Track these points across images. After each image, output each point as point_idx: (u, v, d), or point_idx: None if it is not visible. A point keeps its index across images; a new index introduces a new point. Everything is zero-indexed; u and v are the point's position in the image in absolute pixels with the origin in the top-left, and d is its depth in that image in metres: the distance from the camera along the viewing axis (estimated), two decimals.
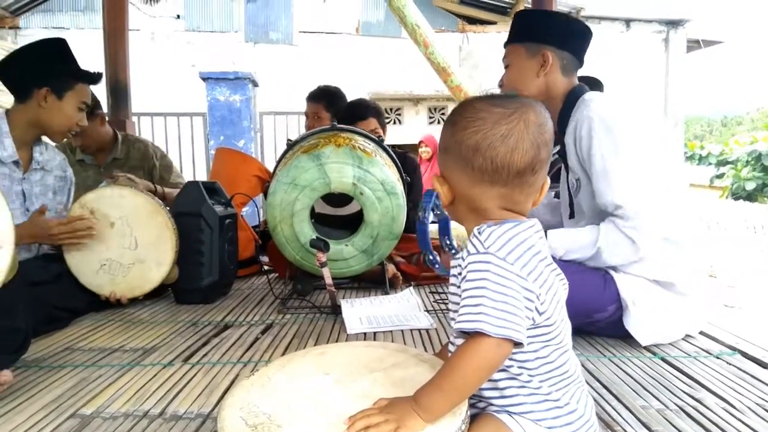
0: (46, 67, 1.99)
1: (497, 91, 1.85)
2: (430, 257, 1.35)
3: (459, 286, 0.86)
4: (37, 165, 2.10)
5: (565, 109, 1.76)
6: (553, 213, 2.04)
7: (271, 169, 3.03)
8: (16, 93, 2.03)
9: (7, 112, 2.03)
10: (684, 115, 10.22)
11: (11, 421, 1.18)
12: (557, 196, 2.05)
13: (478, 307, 0.80)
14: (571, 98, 1.76)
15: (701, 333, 1.77)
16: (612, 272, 1.64)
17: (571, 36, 1.79)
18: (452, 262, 0.91)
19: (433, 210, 1.55)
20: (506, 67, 1.86)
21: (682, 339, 1.70)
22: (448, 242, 1.55)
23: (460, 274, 0.86)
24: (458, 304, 0.85)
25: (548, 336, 0.86)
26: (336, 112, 3.25)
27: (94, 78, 2.13)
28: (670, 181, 1.66)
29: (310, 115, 3.29)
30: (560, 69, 1.77)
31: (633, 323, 1.61)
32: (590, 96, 1.71)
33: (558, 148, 1.86)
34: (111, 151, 2.87)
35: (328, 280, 2.02)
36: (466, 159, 0.87)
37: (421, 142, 6.60)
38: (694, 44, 10.02)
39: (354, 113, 2.88)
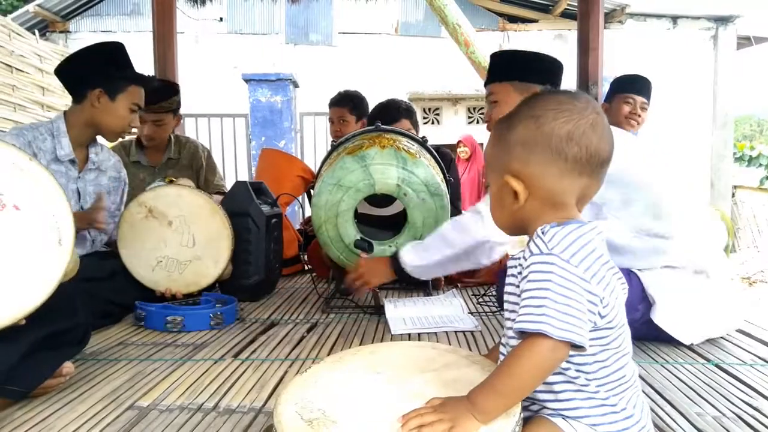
0: (101, 69, 2.06)
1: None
2: None
3: (518, 286, 0.86)
4: (92, 165, 2.17)
5: None
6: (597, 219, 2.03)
7: (313, 169, 3.08)
8: (72, 94, 2.11)
9: (66, 113, 2.11)
10: (733, 115, 9.88)
11: (74, 410, 1.24)
12: None
13: (541, 308, 0.79)
14: None
15: (757, 340, 1.71)
16: (635, 270, 1.65)
17: (550, 73, 1.90)
18: (510, 262, 0.91)
19: None
20: (493, 102, 1.96)
21: (737, 346, 1.66)
22: None
23: (520, 273, 0.86)
24: (516, 304, 0.85)
25: (608, 339, 0.85)
26: (360, 114, 3.30)
27: (148, 81, 2.19)
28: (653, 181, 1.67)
29: (335, 119, 3.35)
30: None
31: (660, 317, 1.62)
32: None
33: None
34: (165, 151, 2.97)
35: None
36: (559, 149, 0.86)
37: (459, 142, 6.58)
38: (744, 41, 9.67)
39: (386, 115, 2.87)
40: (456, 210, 2.97)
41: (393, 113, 2.90)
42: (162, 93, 2.79)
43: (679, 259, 1.66)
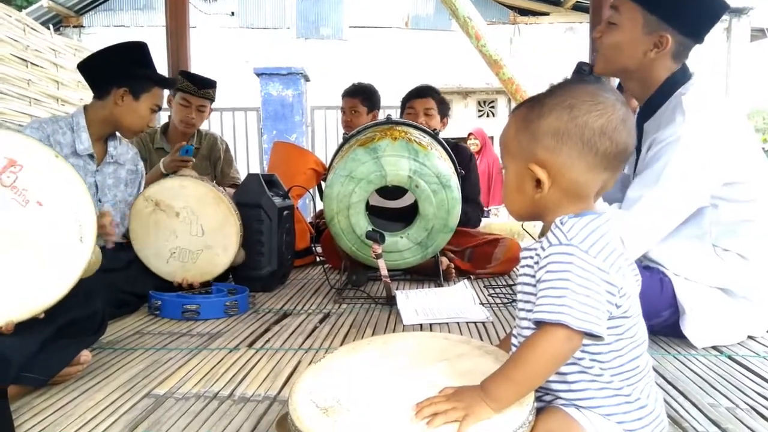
0: (128, 68, 2.09)
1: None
2: None
3: (533, 276, 0.86)
4: (111, 159, 2.20)
5: (657, 96, 1.61)
6: (623, 189, 1.95)
7: (325, 163, 3.09)
8: (95, 90, 2.13)
9: (86, 107, 2.14)
10: (747, 108, 9.77)
11: (92, 398, 1.26)
12: None
13: (561, 299, 0.79)
14: (669, 85, 1.59)
15: None
16: (670, 276, 1.58)
17: (699, 20, 1.56)
18: (523, 253, 0.91)
19: None
20: (610, 22, 1.60)
21: (749, 338, 1.65)
22: None
23: (537, 263, 0.86)
24: (530, 294, 0.85)
25: (623, 328, 0.85)
26: (371, 106, 3.38)
27: (170, 84, 2.22)
28: (751, 193, 1.55)
29: (347, 110, 3.40)
30: (672, 54, 1.57)
31: (690, 327, 1.56)
32: (691, 95, 1.52)
33: None
34: (189, 140, 3.03)
35: (384, 272, 2.04)
36: (591, 143, 0.85)
37: (470, 134, 6.56)
38: (758, 33, 9.55)
39: (416, 91, 2.99)
40: (477, 206, 2.98)
41: (423, 91, 2.99)
42: (207, 80, 2.98)
43: (735, 284, 1.57)
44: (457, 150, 2.95)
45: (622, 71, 1.67)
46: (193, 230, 2.15)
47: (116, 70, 2.08)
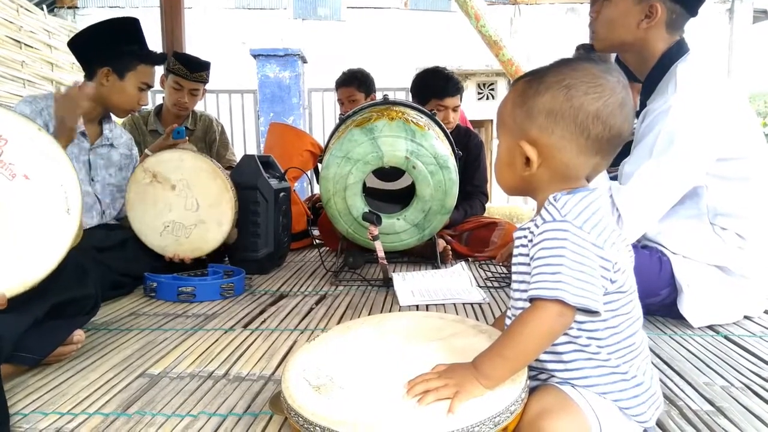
0: (110, 46, 2.05)
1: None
2: None
3: (527, 255, 0.85)
4: (106, 141, 2.19)
5: (656, 71, 1.60)
6: None
7: (323, 144, 3.07)
8: (84, 69, 2.11)
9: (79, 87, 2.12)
10: (748, 91, 9.71)
11: (86, 378, 1.26)
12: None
13: (556, 275, 0.78)
14: (665, 61, 1.58)
15: (767, 312, 1.70)
16: (669, 255, 1.58)
17: None
18: (517, 233, 0.90)
19: None
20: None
21: (746, 318, 1.65)
22: None
23: (531, 241, 0.85)
24: (525, 273, 0.85)
25: (618, 304, 0.85)
26: (368, 90, 3.34)
27: (158, 59, 2.18)
28: (750, 173, 1.54)
29: (345, 100, 3.35)
30: (665, 24, 1.57)
31: (687, 306, 1.56)
32: (686, 67, 1.53)
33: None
34: (183, 122, 3.01)
35: (380, 253, 2.04)
36: (583, 126, 0.84)
37: None
38: (760, 14, 9.46)
39: (445, 89, 2.83)
40: (484, 197, 2.95)
41: (454, 88, 2.85)
42: (200, 63, 2.92)
43: (733, 261, 1.56)
44: (468, 139, 2.91)
45: (619, 45, 1.66)
46: (188, 204, 2.13)
47: (98, 49, 2.05)
